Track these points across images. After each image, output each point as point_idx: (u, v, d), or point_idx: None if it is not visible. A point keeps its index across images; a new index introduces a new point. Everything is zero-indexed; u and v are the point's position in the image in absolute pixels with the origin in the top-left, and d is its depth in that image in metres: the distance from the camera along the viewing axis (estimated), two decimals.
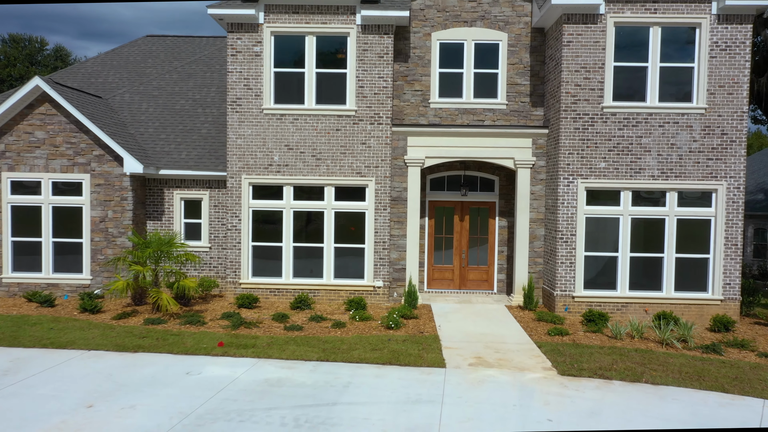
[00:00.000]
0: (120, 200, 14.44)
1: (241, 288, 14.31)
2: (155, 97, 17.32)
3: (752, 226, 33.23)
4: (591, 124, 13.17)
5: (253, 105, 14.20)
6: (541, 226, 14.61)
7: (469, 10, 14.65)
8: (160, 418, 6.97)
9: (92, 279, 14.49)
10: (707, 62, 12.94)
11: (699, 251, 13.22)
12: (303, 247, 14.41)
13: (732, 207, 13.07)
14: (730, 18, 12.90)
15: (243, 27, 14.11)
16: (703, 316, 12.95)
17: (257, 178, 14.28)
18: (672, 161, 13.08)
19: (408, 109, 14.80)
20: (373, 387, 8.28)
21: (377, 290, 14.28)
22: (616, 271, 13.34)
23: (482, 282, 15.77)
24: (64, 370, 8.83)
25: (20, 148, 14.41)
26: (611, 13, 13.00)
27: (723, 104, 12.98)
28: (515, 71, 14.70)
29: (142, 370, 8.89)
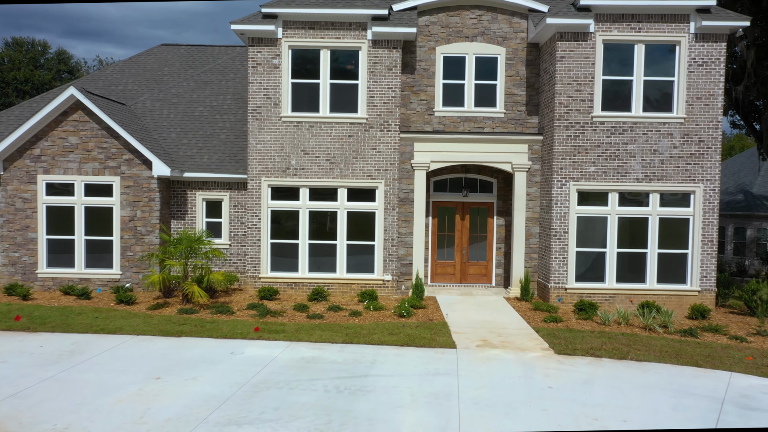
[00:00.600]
0: (148, 201, 15.59)
1: (260, 282, 15.51)
2: (175, 104, 18.47)
3: (732, 225, 34.90)
4: (582, 132, 14.54)
5: (272, 113, 15.41)
6: (536, 225, 15.96)
7: (470, 27, 15.97)
8: (221, 387, 8.19)
9: (122, 274, 15.63)
10: (686, 76, 14.36)
11: (679, 247, 14.63)
12: (318, 244, 15.65)
13: (708, 207, 14.50)
14: (707, 37, 14.32)
15: (263, 41, 15.31)
16: (682, 305, 14.36)
17: (276, 180, 15.50)
18: (654, 165, 14.48)
19: (414, 117, 16.09)
20: (396, 363, 9.55)
21: (386, 283, 15.55)
22: (604, 265, 14.72)
23: (481, 276, 17.10)
24: (123, 350, 10.02)
25: (55, 153, 15.52)
26: (600, 32, 14.37)
27: (700, 114, 14.40)
28: (512, 82, 16.04)
29: (191, 351, 10.10)
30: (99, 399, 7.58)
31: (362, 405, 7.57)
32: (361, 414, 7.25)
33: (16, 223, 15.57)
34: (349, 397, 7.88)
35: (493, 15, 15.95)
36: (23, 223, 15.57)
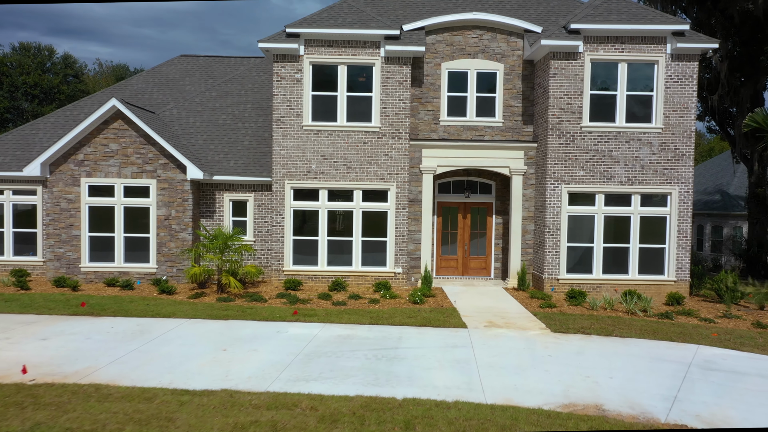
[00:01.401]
0: (181, 201, 17.22)
1: (284, 274, 17.20)
2: (199, 113, 20.08)
3: (710, 223, 37.12)
4: (572, 140, 16.41)
5: (294, 122, 17.11)
6: (531, 223, 17.81)
7: (472, 45, 17.78)
8: (279, 356, 9.90)
9: (158, 268, 17.24)
10: (663, 91, 16.28)
11: (657, 242, 16.56)
12: (335, 240, 17.37)
13: (683, 207, 16.44)
14: (681, 56, 16.25)
15: (286, 58, 17.01)
16: (660, 293, 16.28)
17: (298, 183, 17.20)
18: (636, 170, 16.39)
19: (422, 126, 17.87)
20: (419, 339, 11.32)
21: (397, 276, 17.31)
22: (592, 259, 16.61)
23: (481, 269, 18.93)
24: (183, 330, 11.69)
25: (97, 158, 17.09)
26: (588, 52, 16.25)
27: (676, 125, 16.34)
28: (510, 95, 17.88)
29: (242, 330, 11.79)
30: (184, 364, 9.27)
31: (399, 367, 9.33)
32: (400, 373, 9.00)
33: (61, 222, 17.12)
34: (387, 362, 9.63)
35: (493, 35, 17.78)
36: (67, 222, 17.12)
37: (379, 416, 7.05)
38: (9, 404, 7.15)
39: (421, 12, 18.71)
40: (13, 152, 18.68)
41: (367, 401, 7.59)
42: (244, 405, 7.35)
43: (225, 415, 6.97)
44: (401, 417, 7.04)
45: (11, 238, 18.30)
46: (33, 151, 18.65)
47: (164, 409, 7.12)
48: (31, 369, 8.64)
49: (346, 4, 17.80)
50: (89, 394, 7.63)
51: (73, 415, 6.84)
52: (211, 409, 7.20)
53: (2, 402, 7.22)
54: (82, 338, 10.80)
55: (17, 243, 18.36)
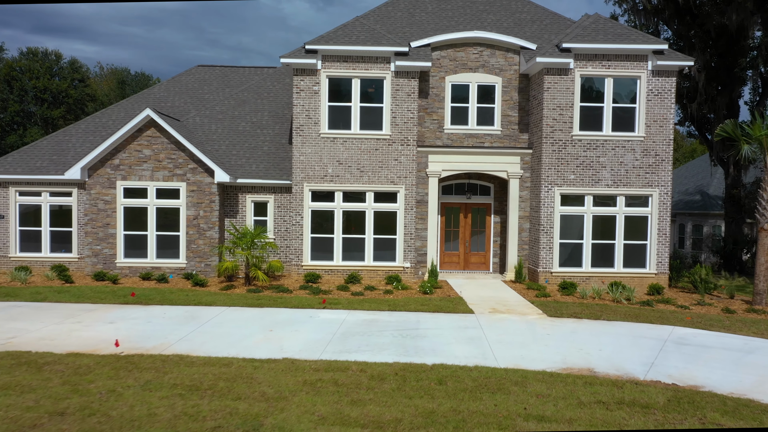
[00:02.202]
0: (209, 202, 18.86)
1: (303, 269, 18.90)
2: (220, 120, 21.71)
3: (691, 222, 39.24)
4: (564, 147, 18.27)
5: (312, 130, 18.81)
6: (527, 222, 19.65)
7: (473, 60, 19.59)
8: (319, 335, 11.61)
9: (187, 263, 18.87)
10: (645, 104, 18.19)
11: (640, 239, 18.47)
12: (349, 237, 19.09)
13: (662, 207, 18.35)
14: (661, 73, 18.17)
15: (305, 72, 18.70)
16: (642, 284, 18.18)
17: (315, 185, 18.90)
18: (621, 174, 18.28)
19: (428, 134, 19.65)
20: (435, 322, 13.08)
21: (406, 270, 19.07)
22: (581, 254, 18.48)
23: (481, 264, 20.75)
24: (227, 315, 13.36)
25: (131, 162, 18.68)
26: (578, 68, 18.11)
27: (656, 134, 18.25)
28: (507, 106, 19.70)
29: (278, 315, 13.48)
30: (242, 341, 10.95)
31: (423, 343, 11.09)
32: (425, 347, 10.76)
33: (98, 221, 18.69)
34: (411, 339, 11.38)
35: (492, 51, 19.60)
36: (104, 221, 18.70)
37: (416, 375, 8.81)
38: (118, 368, 8.81)
39: (425, 29, 20.47)
40: (50, 157, 20.20)
41: (404, 366, 9.34)
42: (305, 369, 9.08)
43: (294, 376, 8.68)
44: (434, 376, 8.80)
45: (48, 236, 19.82)
46: (68, 156, 20.18)
47: (243, 372, 8.82)
48: (112, 346, 10.28)
49: (358, 23, 19.54)
50: (176, 361, 9.32)
51: (172, 375, 8.52)
52: (281, 371, 8.91)
53: (112, 366, 8.88)
54: (143, 322, 12.44)
55: (53, 241, 19.88)
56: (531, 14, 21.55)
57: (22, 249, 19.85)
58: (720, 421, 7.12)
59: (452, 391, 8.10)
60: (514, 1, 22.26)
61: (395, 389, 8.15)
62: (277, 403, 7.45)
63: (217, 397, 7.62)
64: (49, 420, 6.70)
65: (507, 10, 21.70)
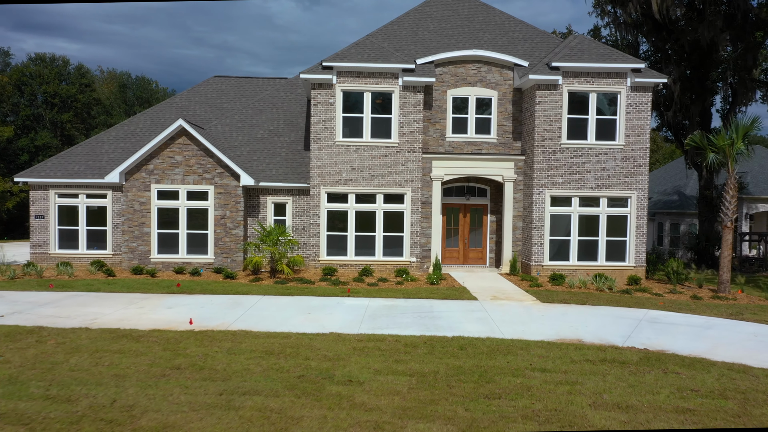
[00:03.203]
0: (235, 204, 20.87)
1: (320, 263, 20.99)
2: (240, 128, 23.72)
3: (669, 221, 41.79)
4: (553, 154, 20.55)
5: (328, 139, 20.90)
6: (520, 220, 21.92)
7: (472, 76, 21.81)
8: (351, 316, 13.73)
9: (215, 258, 20.87)
10: (625, 116, 20.52)
11: (620, 236, 20.81)
12: (361, 235, 21.21)
13: (640, 207, 20.71)
14: (638, 88, 20.52)
15: (322, 86, 20.79)
16: (622, 276, 20.52)
17: (331, 188, 20.99)
18: (604, 178, 20.60)
19: (431, 142, 21.83)
20: (445, 306, 15.26)
21: (412, 264, 21.23)
22: (569, 249, 20.78)
23: (478, 259, 22.99)
24: (266, 302, 15.41)
25: (164, 167, 20.64)
26: (565, 84, 20.40)
27: (634, 142, 20.59)
28: (502, 117, 21.95)
29: (310, 302, 15.57)
30: (288, 321, 13.04)
31: (439, 322, 13.25)
32: (442, 325, 12.93)
33: (134, 221, 20.64)
34: (429, 319, 13.55)
35: (489, 67, 21.83)
36: (140, 221, 20.65)
37: (441, 344, 10.97)
38: (200, 339, 10.87)
39: (428, 47, 22.65)
40: (85, 162, 22.08)
41: (429, 338, 11.50)
42: (350, 339, 11.21)
43: (343, 344, 10.81)
44: (455, 344, 10.97)
45: (85, 234, 21.71)
46: (102, 161, 22.08)
47: (301, 341, 10.94)
48: (183, 324, 12.32)
49: (369, 41, 21.67)
50: (243, 335, 11.39)
51: (247, 344, 10.61)
52: (332, 341, 11.04)
53: (195, 338, 10.94)
54: (197, 307, 14.47)
55: (89, 239, 21.77)
56: (523, 33, 23.82)
57: (61, 246, 21.72)
58: (678, 371, 9.37)
59: (472, 354, 10.28)
60: (508, 20, 24.52)
61: (427, 353, 10.31)
62: (338, 362, 9.58)
63: (290, 358, 9.73)
64: (171, 371, 8.76)
65: (501, 29, 23.96)
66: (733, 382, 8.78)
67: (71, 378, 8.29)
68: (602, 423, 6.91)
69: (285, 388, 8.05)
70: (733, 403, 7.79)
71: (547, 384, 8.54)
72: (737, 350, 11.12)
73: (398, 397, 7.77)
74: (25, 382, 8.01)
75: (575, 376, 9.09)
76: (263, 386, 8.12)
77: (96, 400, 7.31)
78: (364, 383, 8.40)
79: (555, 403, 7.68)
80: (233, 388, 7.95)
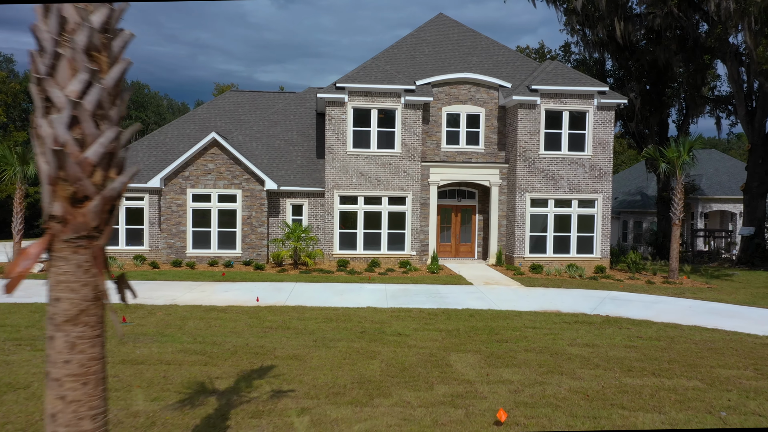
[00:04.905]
0: (259, 205, 24.08)
1: (333, 257, 24.33)
2: (258, 139, 26.89)
3: (632, 219, 45.94)
4: (533, 163, 24.24)
5: (341, 149, 24.25)
6: (504, 219, 25.57)
7: (463, 95, 25.39)
8: (375, 296, 17.12)
9: (242, 252, 24.05)
10: (592, 131, 24.32)
11: (588, 232, 24.60)
12: (369, 232, 24.60)
13: (605, 208, 24.53)
14: (603, 107, 24.34)
15: (335, 103, 24.12)
16: (590, 266, 24.31)
17: (342, 192, 24.35)
18: (575, 183, 24.37)
19: (428, 152, 25.34)
20: (449, 289, 18.75)
21: (413, 257, 24.71)
22: (546, 243, 24.50)
23: (468, 252, 26.60)
24: (302, 287, 18.70)
25: (198, 174, 23.74)
26: (543, 104, 24.11)
27: (600, 153, 24.41)
28: (489, 130, 25.57)
29: (336, 287, 18.90)
30: (329, 300, 16.36)
31: (448, 299, 16.74)
32: (450, 302, 16.41)
33: (172, 221, 23.70)
34: (439, 298, 17.04)
35: (477, 88, 25.44)
36: (176, 221, 23.72)
37: (455, 313, 14.46)
38: (272, 311, 14.16)
39: (425, 69, 26.15)
40: None
41: (444, 309, 14.98)
42: (385, 311, 14.63)
43: (381, 314, 14.21)
44: (466, 313, 14.47)
45: (125, 232, 24.68)
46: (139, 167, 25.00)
47: (347, 312, 14.31)
48: (250, 302, 15.57)
49: (374, 64, 25.07)
50: (301, 309, 14.71)
51: (308, 314, 13.93)
52: (371, 312, 14.43)
53: (268, 311, 14.22)
54: (248, 291, 17.71)
55: (128, 237, 24.74)
56: (505, 57, 27.49)
57: None
58: (629, 327, 13.02)
59: (480, 319, 13.81)
60: (492, 45, 28.17)
61: (446, 318, 13.80)
62: (384, 324, 12.99)
63: (347, 322, 13.11)
64: (268, 329, 12.05)
65: (487, 53, 27.59)
66: (666, 332, 12.47)
67: (201, 333, 11.55)
68: (576, 352, 10.47)
69: (356, 338, 11.44)
70: (663, 343, 11.45)
71: (537, 334, 12.10)
72: (674, 316, 14.86)
73: (437, 342, 11.23)
74: (171, 336, 11.25)
75: (557, 330, 12.65)
76: (341, 336, 11.50)
77: (234, 344, 10.60)
78: (409, 335, 11.84)
79: (544, 343, 11.23)
80: (321, 338, 11.31)
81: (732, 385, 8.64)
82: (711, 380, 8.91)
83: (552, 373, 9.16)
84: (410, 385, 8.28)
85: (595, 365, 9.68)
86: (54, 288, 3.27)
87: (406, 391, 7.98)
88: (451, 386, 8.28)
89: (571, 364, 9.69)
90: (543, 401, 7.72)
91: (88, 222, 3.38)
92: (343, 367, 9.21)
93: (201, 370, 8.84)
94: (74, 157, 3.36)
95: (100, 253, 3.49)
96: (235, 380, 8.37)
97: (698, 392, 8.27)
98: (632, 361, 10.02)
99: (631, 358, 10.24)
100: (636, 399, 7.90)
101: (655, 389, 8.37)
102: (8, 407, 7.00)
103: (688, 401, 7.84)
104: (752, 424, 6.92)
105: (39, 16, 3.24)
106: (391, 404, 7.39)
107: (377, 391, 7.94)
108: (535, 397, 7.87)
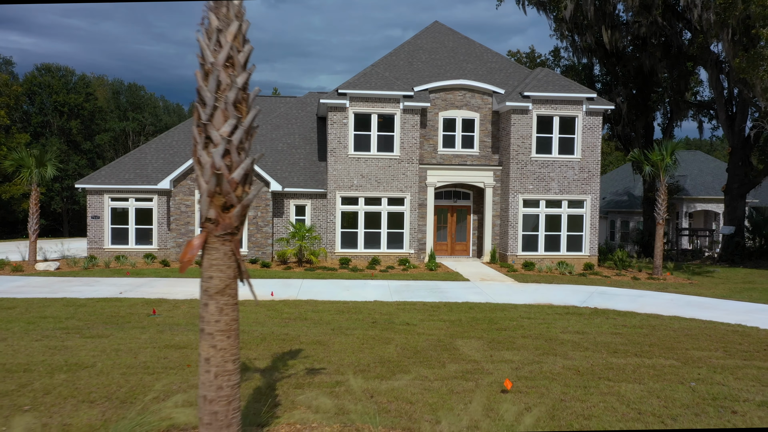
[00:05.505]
0: (265, 206, 25.18)
1: (335, 255, 25.48)
2: (262, 142, 27.98)
3: (620, 219, 47.40)
4: (525, 166, 25.54)
5: (342, 152, 25.41)
6: (498, 219, 26.86)
7: (459, 100, 26.64)
8: (380, 291, 18.30)
9: (248, 251, 25.14)
10: (581, 135, 25.65)
11: (577, 231, 25.94)
12: (369, 231, 25.78)
13: (593, 208, 25.88)
14: (592, 113, 25.69)
15: (337, 109, 25.28)
16: (580, 263, 25.65)
17: (344, 193, 25.51)
18: (565, 185, 25.70)
19: (426, 155, 26.57)
20: (448, 285, 19.97)
21: (411, 255, 25.92)
22: (538, 242, 25.81)
23: (463, 251, 27.86)
24: (309, 283, 19.85)
25: None
26: (534, 110, 25.42)
27: (589, 156, 25.75)
28: (483, 134, 26.85)
29: (343, 283, 20.07)
30: (337, 295, 17.52)
31: (448, 294, 17.96)
32: (450, 296, 17.62)
33: (181, 221, 24.75)
34: (440, 293, 18.25)
35: (472, 94, 26.71)
36: (185, 221, 24.77)
37: (456, 306, 15.68)
38: (287, 304, 15.31)
39: (422, 75, 27.36)
40: (134, 170, 26.05)
41: (445, 303, 16.20)
42: (391, 304, 15.82)
43: (388, 307, 15.41)
44: (466, 306, 15.71)
45: (134, 232, 25.70)
46: (148, 170, 26.07)
47: (357, 305, 15.48)
48: (264, 297, 16.70)
49: (374, 71, 26.26)
50: (313, 302, 15.87)
51: (321, 306, 15.08)
52: (379, 305, 15.62)
53: (283, 304, 15.37)
54: (260, 287, 18.71)
55: (137, 236, 25.77)
56: (499, 64, 28.79)
57: (113, 242, 25.66)
58: (615, 317, 14.32)
59: (479, 311, 15.04)
60: (486, 52, 29.45)
61: (448, 310, 15.03)
62: (392, 315, 14.18)
63: (358, 313, 14.29)
64: (288, 320, 13.20)
65: (481, 60, 28.87)
66: (648, 321, 13.78)
67: None
68: (568, 338, 11.73)
69: (369, 327, 12.63)
70: (645, 330, 12.75)
71: (532, 324, 13.36)
72: (656, 308, 16.18)
73: (442, 330, 12.45)
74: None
75: (550, 320, 13.90)
76: (355, 326, 12.69)
77: (261, 332, 11.75)
78: (417, 324, 13.04)
79: (539, 331, 12.48)
80: (337, 327, 12.49)
81: (703, 363, 9.92)
82: (685, 359, 10.19)
83: (547, 354, 10.40)
84: (425, 364, 9.49)
85: (585, 348, 10.93)
86: (207, 269, 4.45)
87: (422, 369, 9.19)
88: (460, 365, 9.50)
89: (564, 348, 10.94)
90: (540, 375, 8.95)
91: (232, 223, 4.58)
92: (363, 350, 10.40)
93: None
94: (226, 178, 4.54)
95: (237, 245, 4.69)
96: (270, 361, 9.53)
97: (674, 368, 9.54)
98: (617, 345, 11.28)
99: (617, 342, 11.51)
100: (620, 373, 9.15)
101: (636, 366, 9.64)
102: (86, 380, 8.12)
103: (664, 375, 9.10)
104: (716, 392, 8.19)
105: (199, 79, 4.42)
106: (412, 378, 8.59)
107: (398, 368, 9.14)
108: (534, 373, 9.11)
